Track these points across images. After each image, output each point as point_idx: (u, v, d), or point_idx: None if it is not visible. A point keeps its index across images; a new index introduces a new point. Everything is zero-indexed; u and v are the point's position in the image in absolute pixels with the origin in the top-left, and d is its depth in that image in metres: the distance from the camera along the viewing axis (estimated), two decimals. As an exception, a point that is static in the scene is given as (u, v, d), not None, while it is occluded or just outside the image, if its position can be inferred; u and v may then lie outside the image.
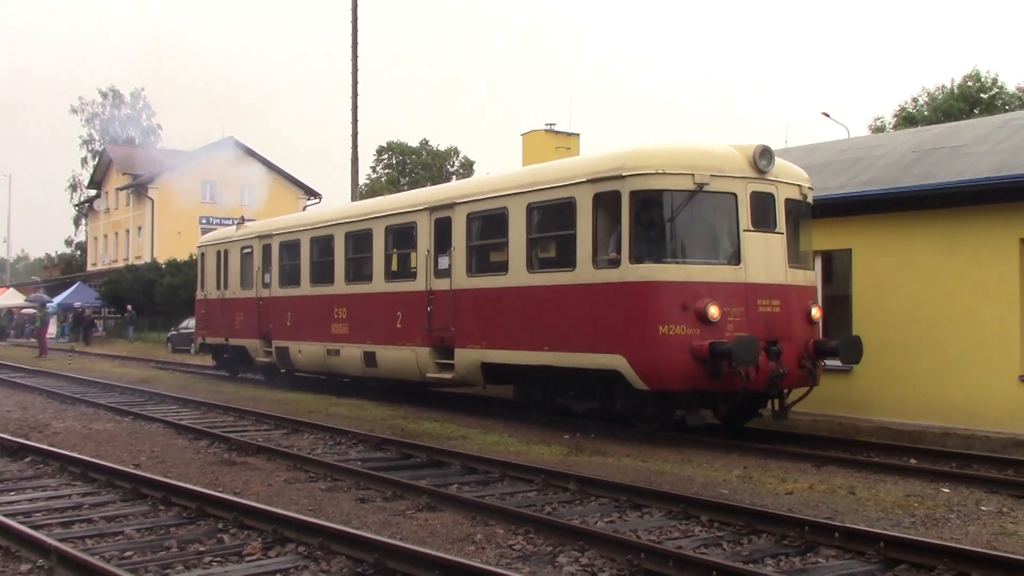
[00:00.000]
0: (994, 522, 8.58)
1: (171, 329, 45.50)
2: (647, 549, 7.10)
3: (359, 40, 32.79)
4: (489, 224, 16.11)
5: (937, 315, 15.18)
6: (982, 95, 46.94)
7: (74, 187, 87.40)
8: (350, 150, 32.71)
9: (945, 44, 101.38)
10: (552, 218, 14.92)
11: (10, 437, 13.05)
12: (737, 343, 12.25)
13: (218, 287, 25.82)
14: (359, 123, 32.73)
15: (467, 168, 69.45)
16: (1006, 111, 41.62)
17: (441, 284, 16.81)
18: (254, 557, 7.32)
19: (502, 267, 15.62)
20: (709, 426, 13.96)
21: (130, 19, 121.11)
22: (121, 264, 63.61)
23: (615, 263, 13.32)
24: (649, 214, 13.38)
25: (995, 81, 48.10)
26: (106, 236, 73.80)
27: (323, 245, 21.03)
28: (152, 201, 64.09)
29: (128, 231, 68.54)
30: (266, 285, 23.10)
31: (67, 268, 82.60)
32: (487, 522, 8.45)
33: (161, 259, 56.28)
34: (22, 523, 8.04)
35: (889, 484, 10.26)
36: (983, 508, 9.15)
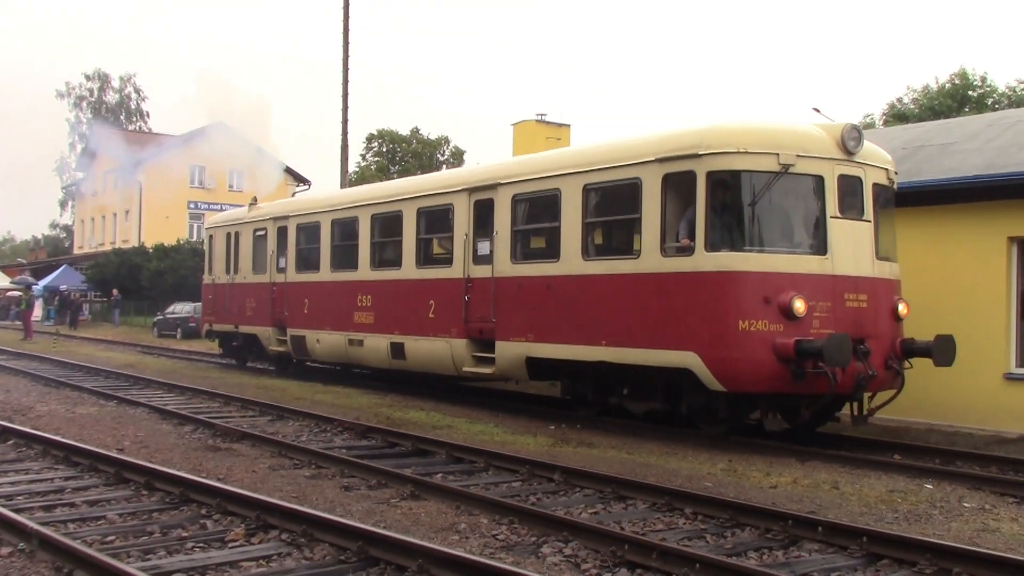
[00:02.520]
0: (976, 519, 8.62)
1: (157, 314, 45.33)
2: (631, 541, 7.11)
3: (350, 27, 32.67)
4: (538, 207, 15.12)
5: (924, 312, 15.20)
6: (971, 93, 47.03)
7: (61, 170, 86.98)
8: (340, 137, 32.66)
9: (932, 42, 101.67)
10: (612, 201, 13.91)
11: (-7, 419, 12.98)
12: (829, 341, 11.24)
13: (228, 271, 24.59)
14: (349, 110, 32.64)
15: (457, 158, 69.34)
16: (995, 109, 41.71)
17: (481, 271, 15.71)
18: (237, 543, 7.30)
19: (552, 254, 14.61)
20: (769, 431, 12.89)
21: (120, 3, 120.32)
22: (108, 248, 63.31)
23: (687, 251, 12.27)
24: (728, 197, 12.34)
25: (984, 79, 48.22)
26: (93, 219, 73.48)
27: (346, 228, 19.79)
28: (140, 184, 63.74)
29: (115, 214, 68.26)
30: (281, 270, 21.90)
31: (53, 251, 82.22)
32: (471, 512, 8.44)
33: (148, 243, 56.04)
34: (3, 506, 7.99)
35: (873, 479, 10.30)
36: (966, 505, 9.19)
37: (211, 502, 8.38)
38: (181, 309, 42.90)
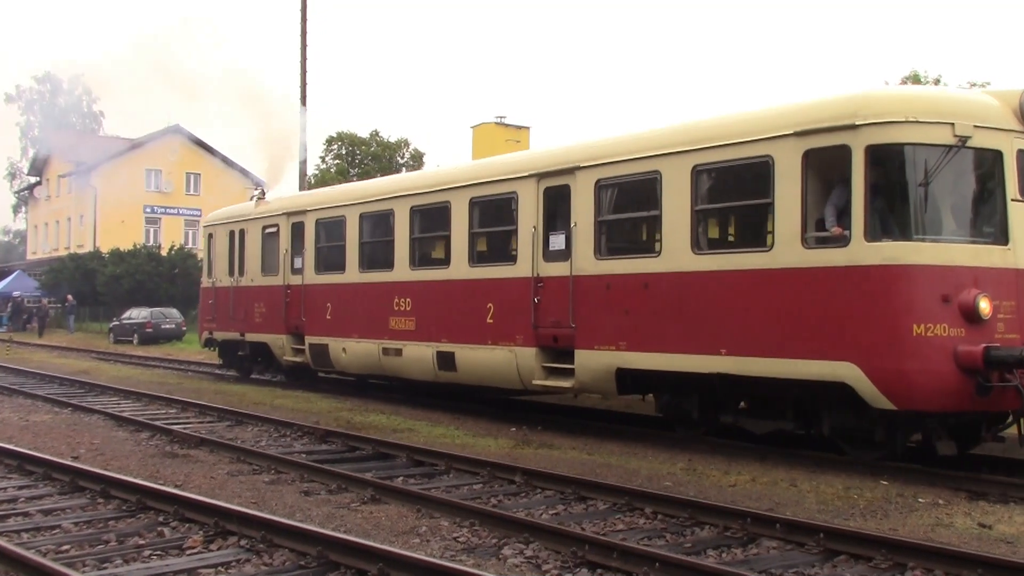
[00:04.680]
0: (931, 514, 8.75)
1: (113, 319, 44.79)
2: (591, 541, 7.14)
3: (307, 28, 32.48)
4: (630, 193, 13.15)
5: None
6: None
7: (13, 175, 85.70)
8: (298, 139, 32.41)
9: (882, 45, 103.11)
10: (731, 184, 12.17)
11: (-56, 429, 12.76)
12: None
13: (231, 273, 22.18)
14: (307, 112, 32.43)
15: (417, 160, 69.24)
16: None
17: (554, 269, 13.68)
18: (195, 550, 7.23)
19: (650, 247, 12.94)
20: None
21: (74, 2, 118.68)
22: (63, 253, 62.44)
23: (840, 241, 10.37)
24: (893, 176, 10.47)
25: (938, 81, 48.95)
26: (47, 224, 72.40)
27: (378, 223, 17.62)
28: (95, 189, 62.93)
29: (70, 219, 67.30)
30: (296, 271, 19.72)
31: (6, 256, 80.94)
32: (432, 515, 8.43)
33: (104, 248, 55.32)
34: (-45, 517, 7.86)
35: (830, 476, 10.42)
36: (920, 500, 9.32)
37: (168, 509, 8.29)
38: (137, 315, 42.46)
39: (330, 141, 73.09)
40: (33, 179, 75.62)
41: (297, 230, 19.86)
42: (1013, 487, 9.55)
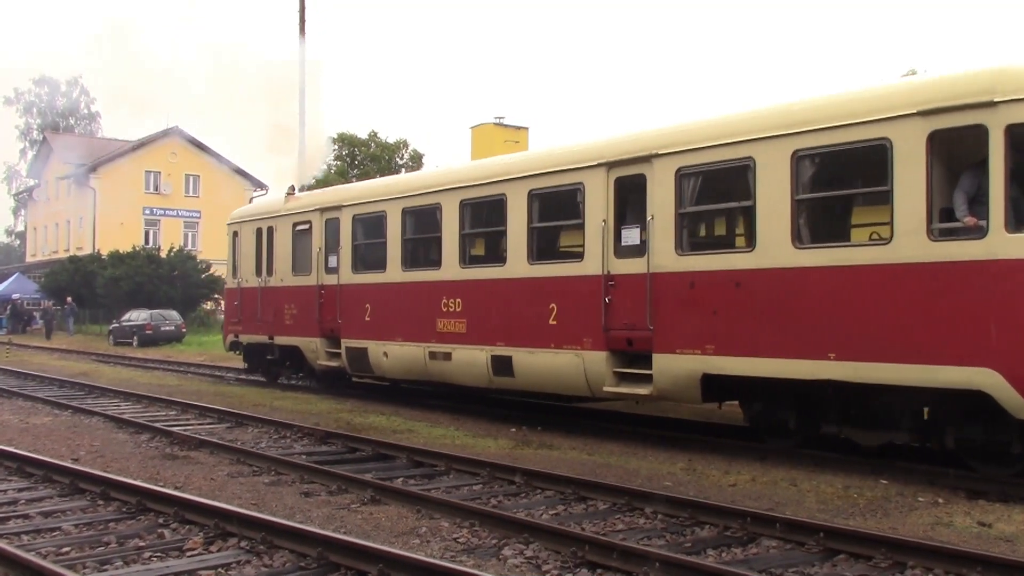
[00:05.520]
0: (931, 513, 8.76)
1: (113, 322, 44.79)
2: (591, 541, 7.14)
3: (307, 30, 32.48)
4: (717, 183, 12.11)
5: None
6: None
7: (11, 177, 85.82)
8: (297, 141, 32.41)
9: (878, 44, 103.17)
10: (840, 170, 11.14)
11: (-56, 431, 12.76)
12: None
13: (259, 272, 21.02)
14: (306, 114, 32.43)
15: (416, 161, 69.31)
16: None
17: (628, 266, 12.66)
18: (195, 552, 7.24)
19: (742, 241, 12.13)
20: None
21: (69, 4, 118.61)
22: (62, 255, 62.45)
23: (975, 232, 9.40)
24: None
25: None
26: (46, 227, 72.40)
27: (423, 218, 16.54)
28: (94, 191, 62.95)
29: (69, 221, 67.31)
30: (331, 270, 18.60)
31: (6, 258, 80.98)
32: (432, 515, 8.44)
33: (103, 250, 55.34)
34: (-45, 519, 7.87)
35: (830, 476, 10.42)
36: (920, 499, 9.33)
37: (169, 511, 8.29)
38: (137, 316, 42.47)
39: (330, 142, 73.05)
40: (32, 181, 75.64)
41: (332, 227, 18.75)
42: (1012, 486, 9.54)
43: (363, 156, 71.28)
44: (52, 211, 70.41)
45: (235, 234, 22.21)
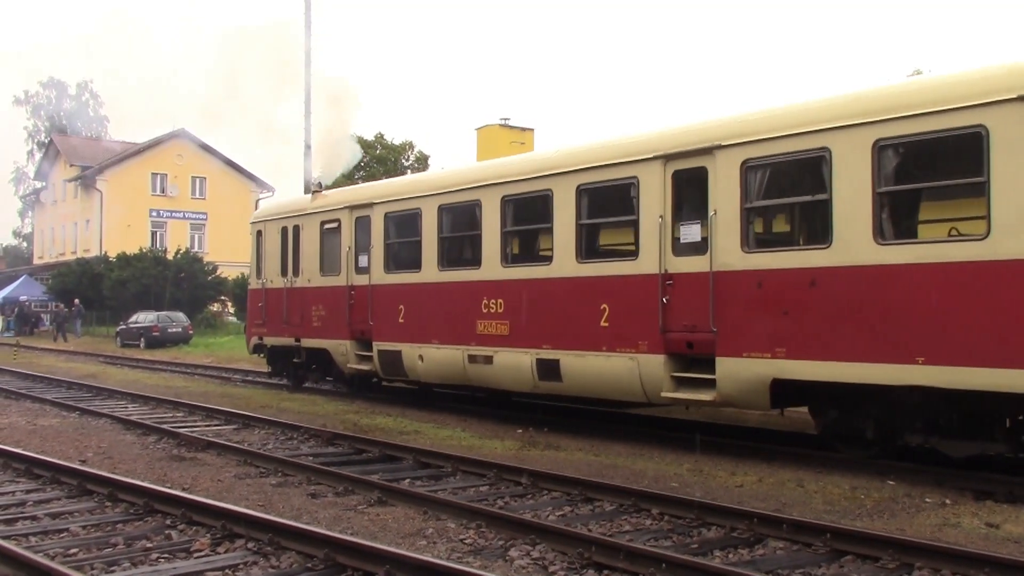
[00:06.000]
0: (938, 514, 8.74)
1: (120, 323, 44.91)
2: (598, 542, 7.14)
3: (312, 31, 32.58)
4: (788, 175, 11.41)
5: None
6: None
7: (19, 179, 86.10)
8: (303, 144, 32.55)
9: (883, 46, 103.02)
10: (925, 161, 10.40)
11: (-48, 433, 12.81)
12: None
13: (284, 272, 20.33)
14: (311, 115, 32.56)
15: (422, 162, 69.41)
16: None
17: (688, 264, 12.01)
18: (203, 553, 7.25)
19: (817, 237, 11.21)
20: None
21: (78, 6, 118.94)
22: (69, 257, 62.62)
23: None
24: None
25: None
26: (53, 229, 72.62)
27: (461, 215, 15.90)
28: (100, 193, 63.13)
29: (76, 224, 67.51)
30: (362, 270, 17.95)
31: (13, 261, 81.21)
32: (439, 516, 8.44)
33: (110, 252, 55.50)
34: (-37, 520, 7.90)
35: (837, 476, 10.41)
36: (927, 500, 9.31)
37: (176, 512, 8.31)
38: (144, 318, 42.58)
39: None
40: (39, 184, 75.90)
41: (362, 225, 18.03)
42: (1020, 486, 9.51)
43: (369, 158, 71.34)
44: (59, 213, 70.64)
45: (259, 233, 21.49)
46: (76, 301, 50.55)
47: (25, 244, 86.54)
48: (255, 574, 6.73)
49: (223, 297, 53.01)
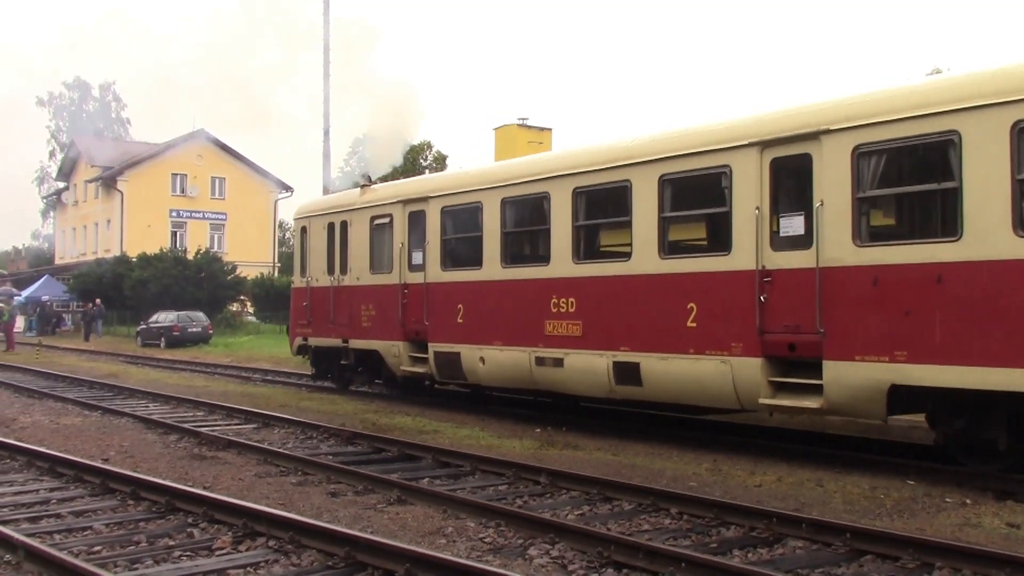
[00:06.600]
0: (959, 513, 8.71)
1: (140, 323, 45.19)
2: (617, 541, 7.16)
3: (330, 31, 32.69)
4: (907, 162, 10.52)
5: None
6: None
7: (41, 180, 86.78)
8: (322, 143, 32.71)
9: (903, 45, 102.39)
10: None
11: (-24, 432, 12.94)
12: None
13: (330, 271, 19.51)
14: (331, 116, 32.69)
15: (440, 162, 69.49)
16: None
17: (789, 259, 11.11)
18: (224, 551, 7.31)
19: (942, 230, 10.21)
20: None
21: (97, 7, 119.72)
22: (90, 257, 63.07)
23: None
24: None
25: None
26: (75, 229, 73.15)
27: (527, 209, 15.09)
28: (121, 194, 63.56)
29: (97, 224, 67.97)
30: (416, 267, 17.09)
31: (35, 261, 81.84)
32: (458, 515, 8.48)
33: (131, 253, 55.87)
34: (-11, 518, 7.99)
35: (856, 476, 10.38)
36: (948, 500, 9.27)
37: (198, 511, 8.38)
38: (164, 318, 42.83)
39: (356, 143, 73.25)
40: (61, 184, 76.47)
41: (416, 220, 17.17)
42: (1042, 487, 9.45)
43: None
44: (80, 214, 71.15)
45: (303, 229, 20.75)
46: (97, 301, 50.92)
47: (47, 245, 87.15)
48: (276, 572, 6.78)
49: (242, 297, 53.28)
